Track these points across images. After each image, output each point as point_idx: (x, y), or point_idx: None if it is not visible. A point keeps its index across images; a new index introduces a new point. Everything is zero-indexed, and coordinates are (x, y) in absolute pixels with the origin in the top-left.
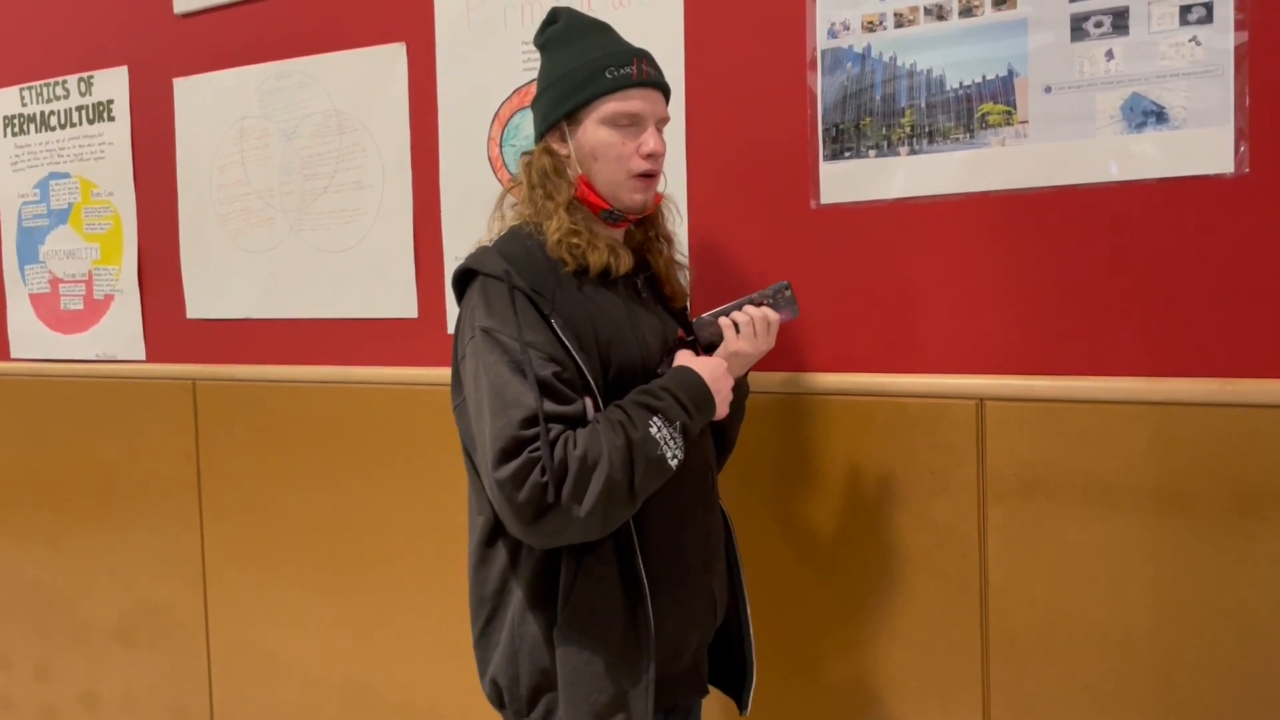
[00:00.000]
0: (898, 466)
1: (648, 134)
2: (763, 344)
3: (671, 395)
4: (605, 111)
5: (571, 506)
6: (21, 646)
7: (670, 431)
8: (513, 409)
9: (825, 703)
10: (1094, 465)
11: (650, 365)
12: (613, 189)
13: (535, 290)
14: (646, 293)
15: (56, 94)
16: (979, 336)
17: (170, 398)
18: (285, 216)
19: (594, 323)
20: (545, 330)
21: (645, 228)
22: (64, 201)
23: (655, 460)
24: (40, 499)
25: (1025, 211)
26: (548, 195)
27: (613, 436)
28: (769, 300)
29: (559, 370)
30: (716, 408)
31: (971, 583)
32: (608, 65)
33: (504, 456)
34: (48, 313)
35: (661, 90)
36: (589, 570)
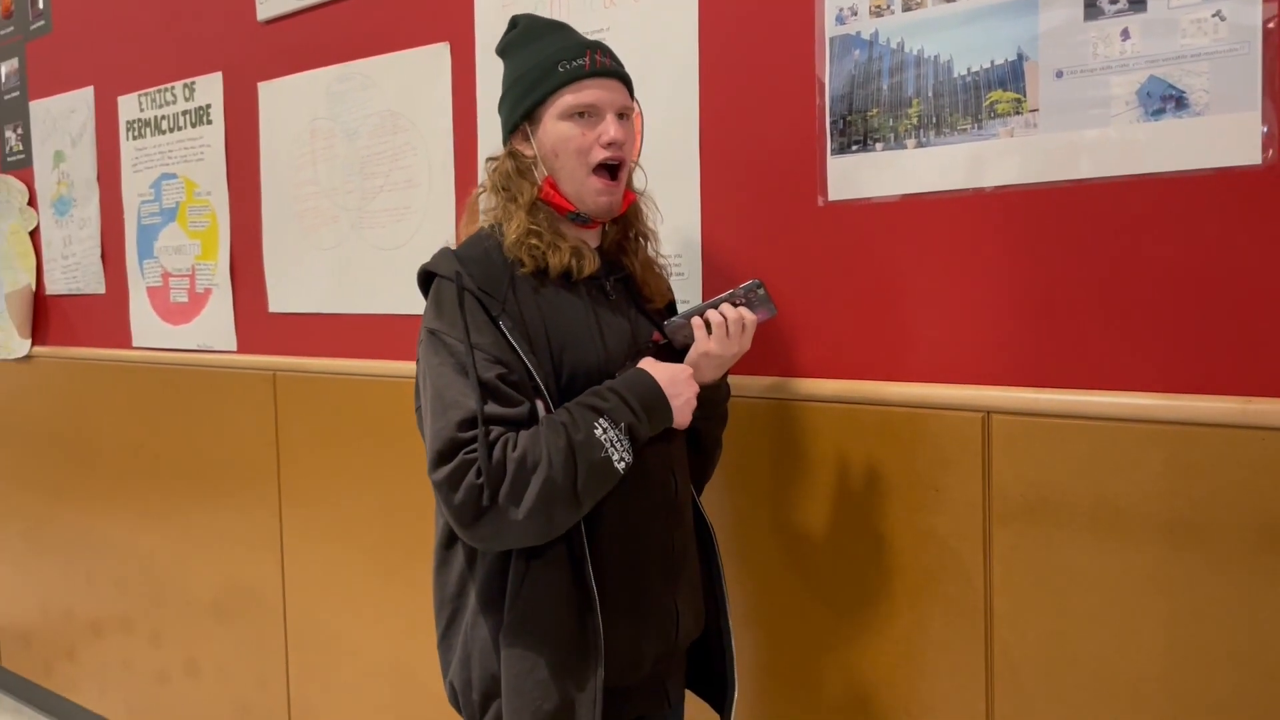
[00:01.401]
0: (901, 481)
1: (606, 123)
2: (735, 346)
3: (619, 396)
4: (561, 105)
5: (509, 509)
6: (140, 613)
7: (616, 434)
8: (451, 410)
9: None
10: (1103, 489)
11: (610, 369)
12: (577, 189)
13: (485, 291)
14: (617, 294)
15: (166, 100)
16: (985, 344)
17: (254, 388)
18: (348, 214)
19: (547, 325)
20: (493, 332)
21: (621, 227)
22: (172, 201)
23: (599, 463)
24: (153, 477)
25: (1034, 209)
26: (510, 198)
27: (554, 438)
28: (741, 299)
29: (504, 372)
30: (673, 413)
31: (976, 611)
32: (560, 60)
33: (440, 459)
34: (160, 304)
35: (620, 79)
36: (537, 575)
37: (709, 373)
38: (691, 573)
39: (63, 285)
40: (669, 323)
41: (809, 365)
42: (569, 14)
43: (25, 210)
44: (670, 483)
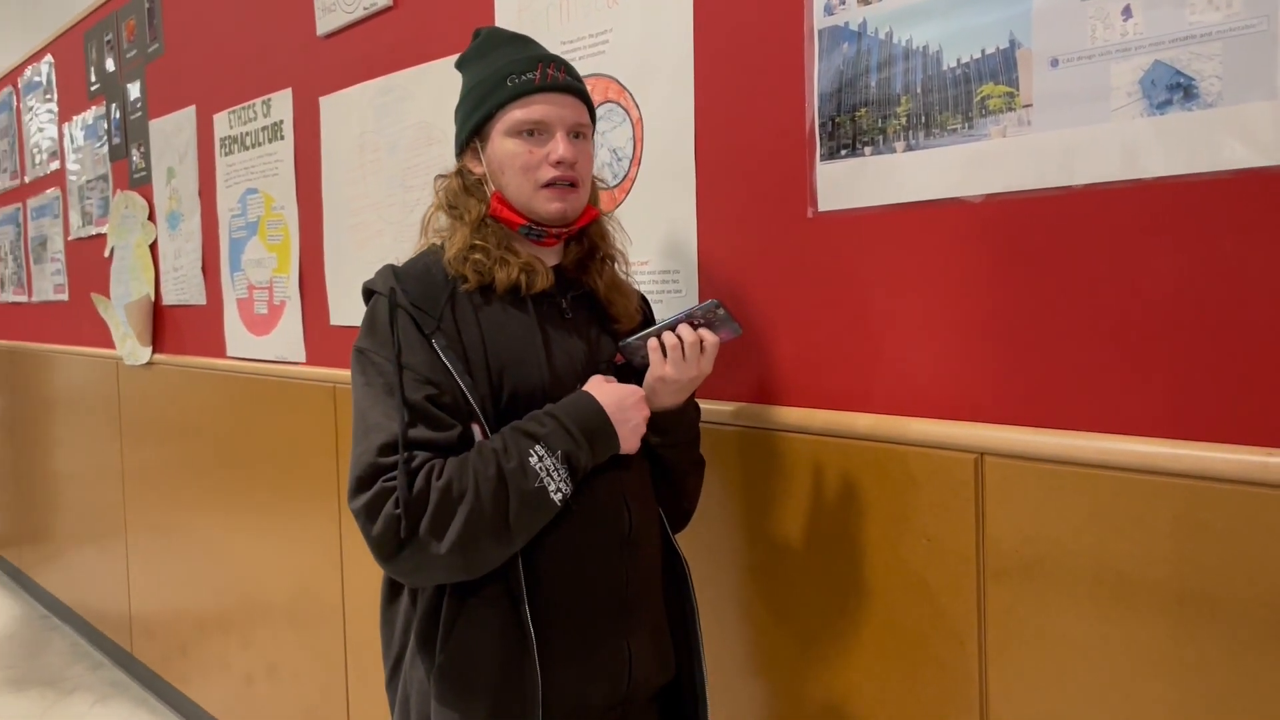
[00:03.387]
0: (892, 527)
1: (555, 140)
2: (693, 369)
3: (556, 421)
4: (509, 121)
5: (430, 542)
6: (234, 614)
7: (553, 462)
8: (373, 434)
9: None
10: (1105, 549)
11: (556, 392)
12: (526, 200)
13: (418, 307)
14: (575, 313)
15: (249, 116)
16: (977, 375)
17: (318, 399)
18: (391, 228)
19: (487, 343)
20: (425, 350)
21: (585, 246)
22: (255, 215)
23: (532, 494)
24: (244, 483)
25: (1028, 220)
26: (457, 216)
27: (483, 466)
28: (700, 320)
29: (434, 393)
30: (619, 439)
31: (969, 679)
32: (510, 73)
33: (359, 485)
34: (246, 316)
35: (576, 95)
36: (471, 613)
37: (667, 397)
38: (653, 613)
39: (174, 296)
40: (624, 343)
41: (795, 394)
42: (573, 15)
43: (146, 225)
44: (624, 515)
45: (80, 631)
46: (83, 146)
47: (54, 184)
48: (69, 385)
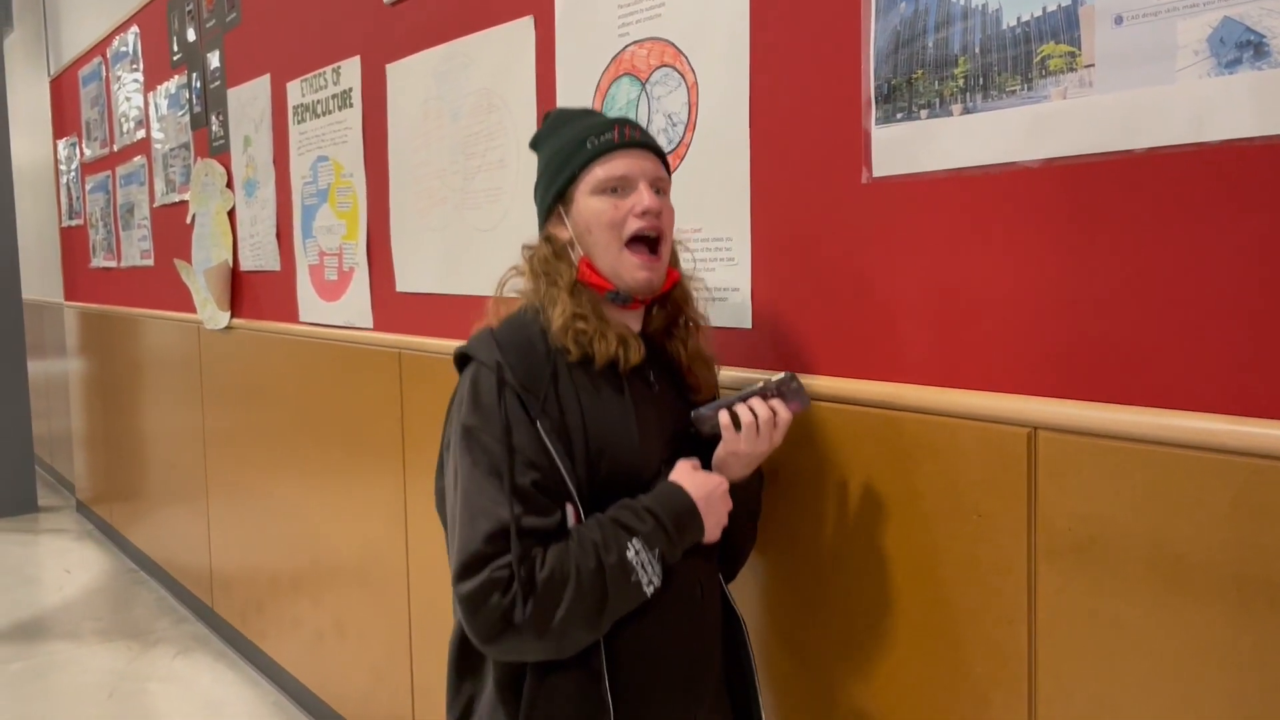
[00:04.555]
0: (944, 501)
1: (639, 193)
2: (765, 444)
3: (654, 518)
4: (592, 180)
5: (529, 630)
6: (305, 572)
7: (649, 557)
8: (480, 520)
9: None
10: (1161, 529)
11: (648, 471)
12: (613, 266)
13: (526, 388)
14: (661, 385)
15: (320, 84)
16: (1032, 346)
17: (384, 364)
18: (454, 195)
19: (587, 426)
20: (530, 432)
21: (668, 311)
22: (325, 182)
23: (629, 588)
24: (314, 445)
25: (1089, 185)
26: (550, 281)
27: (584, 558)
28: (774, 393)
29: (538, 477)
30: (706, 531)
31: (1019, 660)
32: (588, 136)
33: (465, 571)
34: (318, 282)
35: (652, 150)
36: (552, 687)
37: (737, 470)
38: (715, 678)
39: (251, 262)
40: (696, 413)
41: (844, 365)
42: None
43: (225, 192)
44: (696, 594)
45: (165, 586)
46: (166, 115)
47: (140, 152)
48: (155, 349)
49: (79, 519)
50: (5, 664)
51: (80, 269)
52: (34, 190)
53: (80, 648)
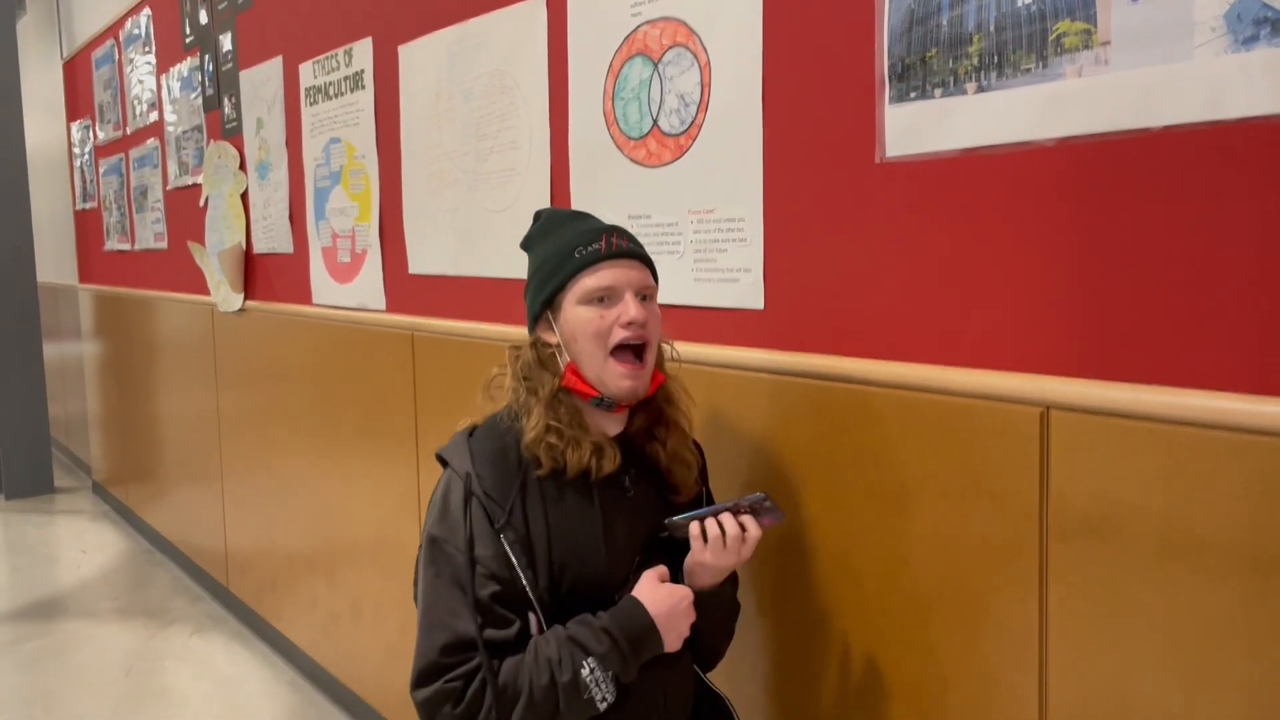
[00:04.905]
0: (955, 481)
1: (625, 303)
2: (732, 558)
3: (611, 639)
4: (580, 290)
5: None
6: (320, 553)
7: (603, 676)
8: (436, 631)
9: None
10: (1175, 509)
11: (614, 582)
12: (599, 374)
13: (491, 497)
14: (636, 489)
15: (331, 66)
16: (1046, 324)
17: (397, 347)
18: (465, 177)
19: (552, 538)
20: (494, 544)
21: (650, 414)
22: (337, 164)
23: (581, 704)
24: (329, 426)
25: (1105, 164)
26: (530, 390)
27: (538, 674)
28: (746, 509)
29: (498, 590)
30: (665, 645)
31: (1030, 639)
32: (577, 246)
33: (421, 680)
34: (330, 264)
35: (639, 259)
36: None
37: (705, 579)
38: None
39: (264, 244)
40: (670, 521)
41: (857, 345)
42: None
43: (238, 174)
44: (659, 703)
45: (181, 566)
46: (179, 98)
47: (153, 134)
48: (169, 331)
49: (95, 500)
50: (23, 642)
51: (94, 252)
52: (48, 173)
53: (97, 626)
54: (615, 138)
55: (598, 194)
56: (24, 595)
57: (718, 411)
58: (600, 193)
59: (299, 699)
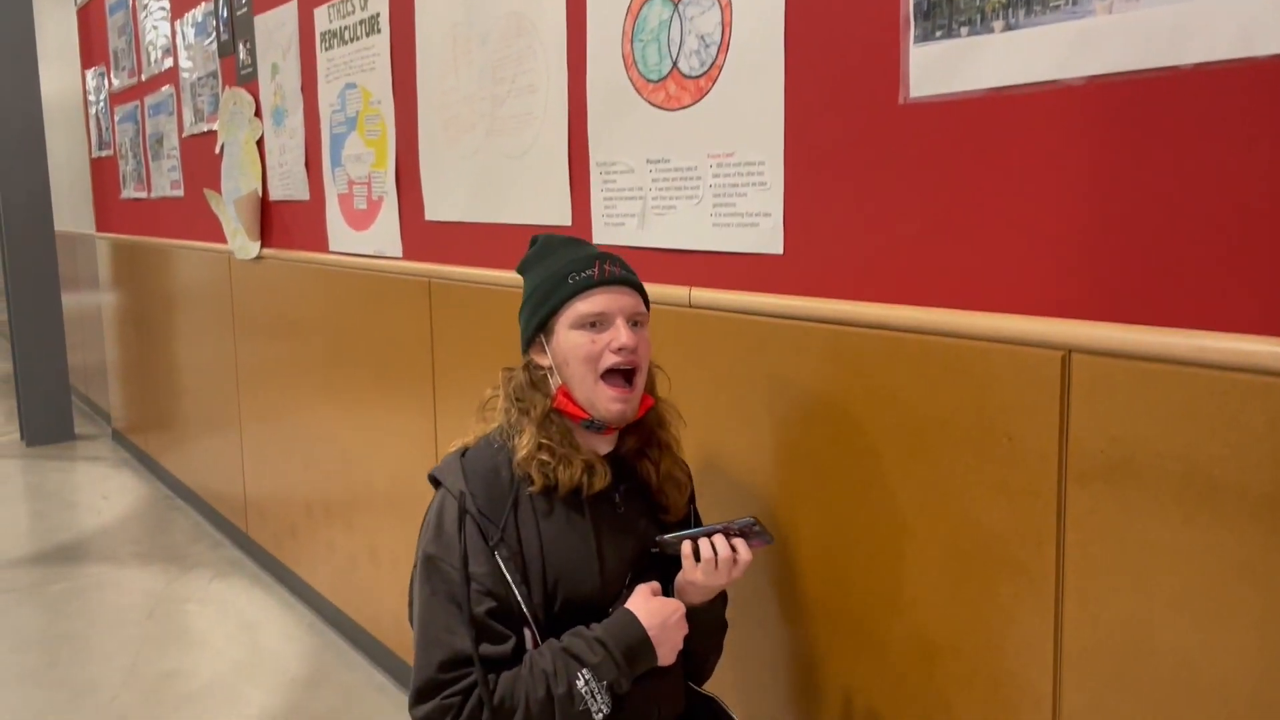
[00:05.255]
0: (973, 426)
1: (615, 328)
2: (721, 579)
3: (605, 650)
4: (572, 315)
5: None
6: (338, 499)
7: (598, 687)
8: (433, 649)
9: (880, 680)
10: (1196, 451)
11: (606, 596)
12: (589, 397)
13: (486, 516)
14: (627, 506)
15: (347, 10)
16: (1069, 267)
17: (414, 294)
18: (482, 121)
19: (545, 554)
20: (489, 561)
21: (641, 435)
22: (353, 110)
23: (577, 715)
24: (346, 374)
25: (1133, 103)
26: (522, 411)
27: (534, 687)
28: (736, 532)
29: (494, 606)
30: (659, 658)
31: (1046, 581)
32: (570, 272)
33: (419, 697)
34: (347, 211)
35: (631, 286)
36: None
37: (695, 597)
38: None
39: (280, 192)
40: (662, 539)
41: (877, 289)
42: None
43: (253, 121)
44: (652, 714)
45: (201, 512)
46: (193, 44)
47: (168, 81)
48: (186, 279)
49: (115, 447)
50: (48, 584)
51: (111, 200)
52: (63, 121)
53: (120, 570)
54: (634, 80)
55: (616, 138)
56: (47, 539)
57: (736, 358)
58: (618, 136)
59: (318, 641)
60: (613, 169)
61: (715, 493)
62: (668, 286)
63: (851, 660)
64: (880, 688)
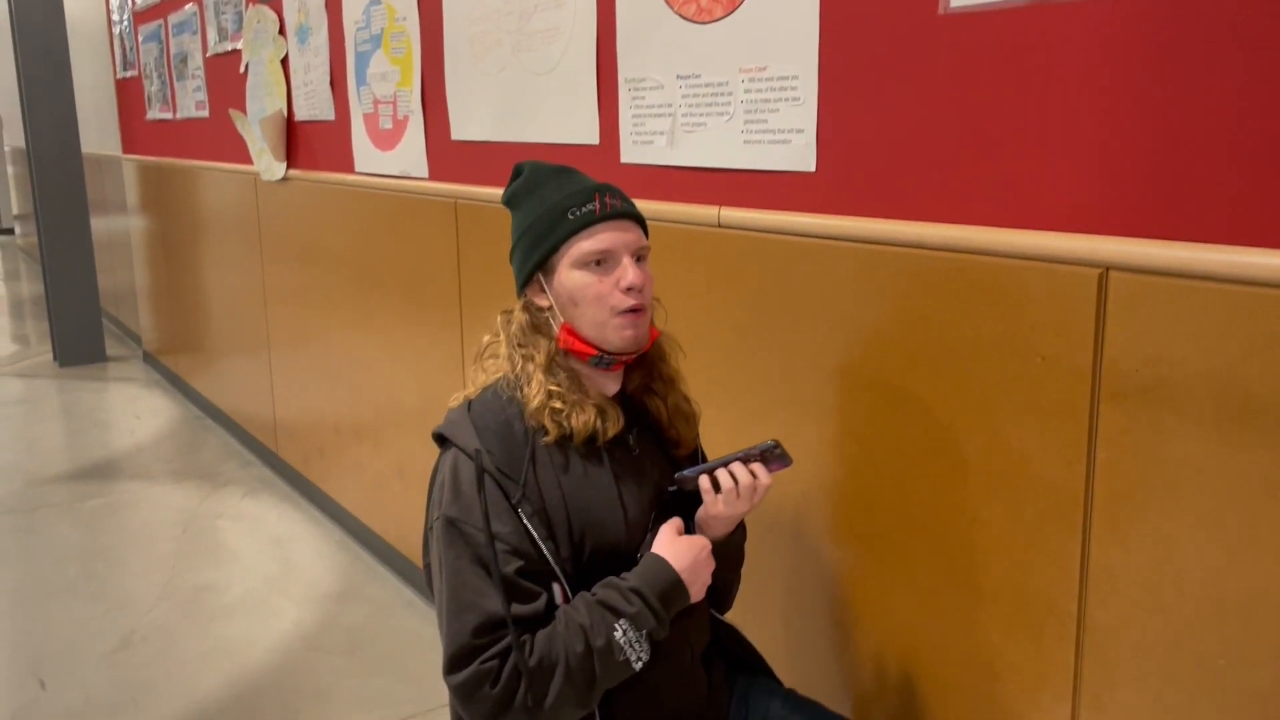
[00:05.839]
0: (1005, 345)
1: (623, 267)
2: (744, 506)
3: (642, 599)
4: (575, 254)
5: (522, 714)
6: (366, 419)
7: (636, 636)
8: (466, 614)
9: (907, 599)
10: (1233, 369)
11: (633, 543)
12: (599, 330)
13: (505, 474)
14: (641, 447)
15: None
16: (1109, 183)
17: (441, 214)
18: (509, 38)
19: (569, 506)
20: (512, 519)
21: (645, 370)
22: (378, 27)
23: (618, 665)
24: (374, 294)
25: (1175, 11)
26: (527, 356)
27: (571, 642)
28: (756, 457)
29: (522, 565)
30: (691, 597)
31: (1074, 501)
32: (569, 207)
33: (455, 664)
34: (372, 131)
35: (633, 219)
36: None
37: (718, 530)
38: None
39: (305, 112)
40: (680, 475)
41: (911, 207)
42: None
43: (277, 39)
44: (685, 651)
45: (231, 432)
46: None
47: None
48: (213, 201)
49: (146, 369)
50: (83, 500)
51: (137, 121)
52: (88, 42)
53: (153, 487)
54: None
55: (645, 53)
56: (81, 457)
57: (765, 279)
58: (647, 51)
59: (348, 557)
60: (641, 85)
61: (743, 414)
62: (696, 206)
63: (878, 580)
64: (907, 606)
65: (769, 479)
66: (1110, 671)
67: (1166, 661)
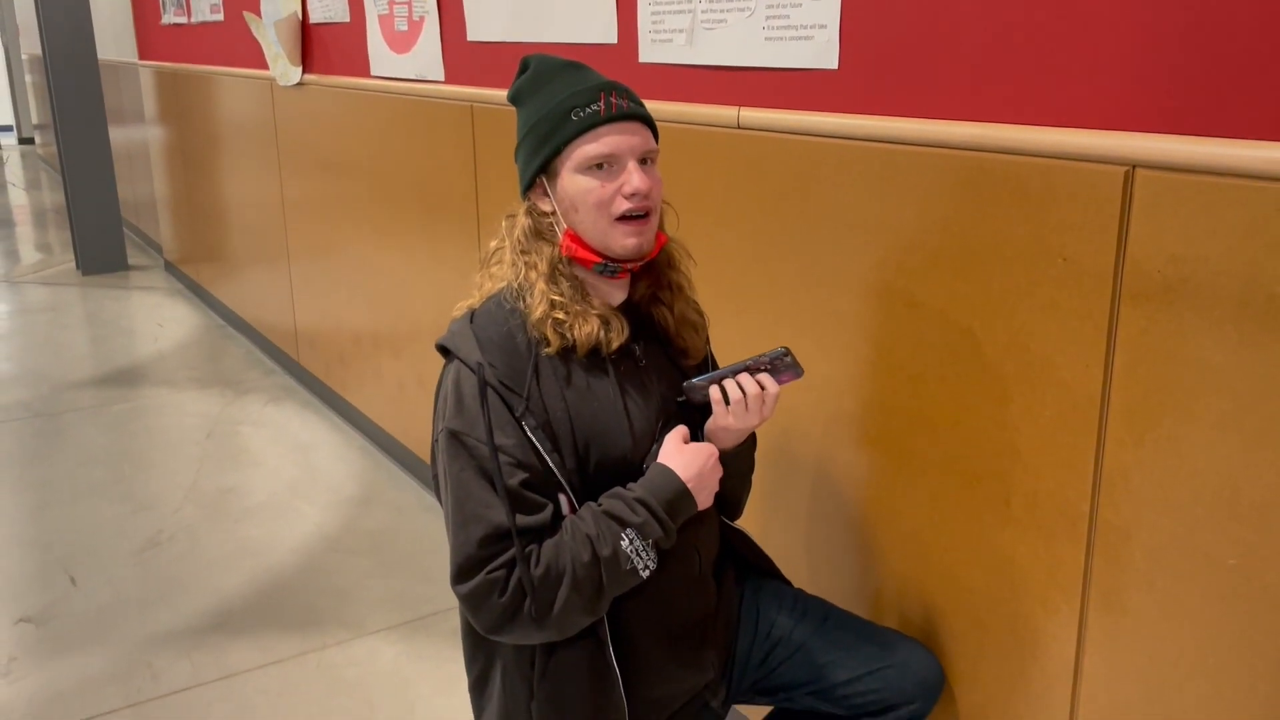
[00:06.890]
0: (1026, 246)
1: (628, 172)
2: (755, 418)
3: (648, 509)
4: (579, 157)
5: (529, 623)
6: (386, 327)
7: (642, 545)
8: (472, 525)
9: (918, 500)
10: (1257, 268)
11: (640, 452)
12: (601, 238)
13: (508, 386)
14: (648, 358)
15: None
16: (1134, 79)
17: (456, 118)
18: None
19: (573, 417)
20: (516, 432)
21: (653, 277)
22: None
23: (624, 574)
24: (391, 202)
25: None
26: (530, 264)
27: (578, 551)
28: (766, 365)
29: (527, 477)
30: (698, 505)
31: (1090, 402)
32: (573, 107)
33: (462, 575)
34: (388, 33)
35: (641, 120)
36: (561, 656)
37: (728, 441)
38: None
39: (320, 14)
40: (689, 384)
41: (932, 106)
42: None
43: None
44: (694, 559)
45: (253, 341)
46: None
47: None
48: (230, 109)
49: (167, 278)
50: (109, 405)
51: (152, 26)
52: None
53: (177, 393)
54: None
55: None
56: (106, 363)
57: (785, 181)
58: None
59: (369, 463)
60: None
61: (760, 320)
62: (716, 107)
63: (894, 482)
64: (918, 508)
65: (777, 389)
66: (1121, 572)
67: (1177, 561)
